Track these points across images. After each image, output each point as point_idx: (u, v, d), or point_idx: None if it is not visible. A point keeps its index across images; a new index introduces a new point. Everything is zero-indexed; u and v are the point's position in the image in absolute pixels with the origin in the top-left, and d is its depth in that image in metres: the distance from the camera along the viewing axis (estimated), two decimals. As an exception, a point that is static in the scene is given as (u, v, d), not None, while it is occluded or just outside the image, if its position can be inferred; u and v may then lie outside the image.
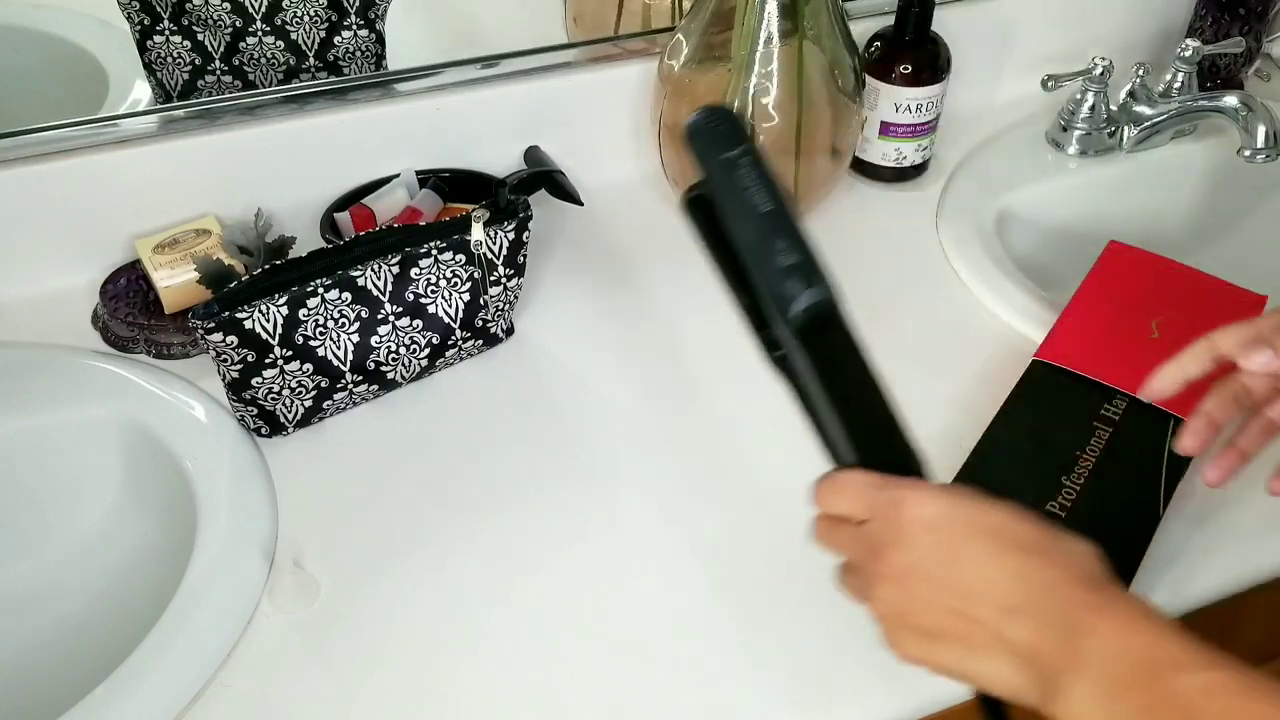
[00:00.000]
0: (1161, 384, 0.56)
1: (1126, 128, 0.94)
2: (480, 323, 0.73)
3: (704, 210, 0.54)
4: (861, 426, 0.48)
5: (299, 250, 0.75)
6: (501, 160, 0.87)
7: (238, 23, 0.77)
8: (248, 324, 0.63)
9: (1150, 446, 0.62)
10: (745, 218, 0.51)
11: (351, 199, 0.83)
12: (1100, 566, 0.42)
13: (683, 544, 0.63)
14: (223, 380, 0.65)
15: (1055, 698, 0.39)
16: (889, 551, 0.44)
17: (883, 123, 0.89)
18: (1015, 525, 0.43)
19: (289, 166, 0.82)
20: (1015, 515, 0.43)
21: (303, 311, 0.64)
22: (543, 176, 0.82)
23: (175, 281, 0.75)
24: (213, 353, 0.63)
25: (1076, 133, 0.94)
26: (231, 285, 0.63)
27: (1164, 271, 0.76)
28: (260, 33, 0.78)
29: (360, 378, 0.69)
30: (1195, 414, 0.57)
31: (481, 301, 0.72)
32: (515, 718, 0.55)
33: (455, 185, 0.85)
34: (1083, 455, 0.61)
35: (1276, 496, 0.59)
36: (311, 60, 0.80)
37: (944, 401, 0.72)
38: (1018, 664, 0.40)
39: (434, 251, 0.68)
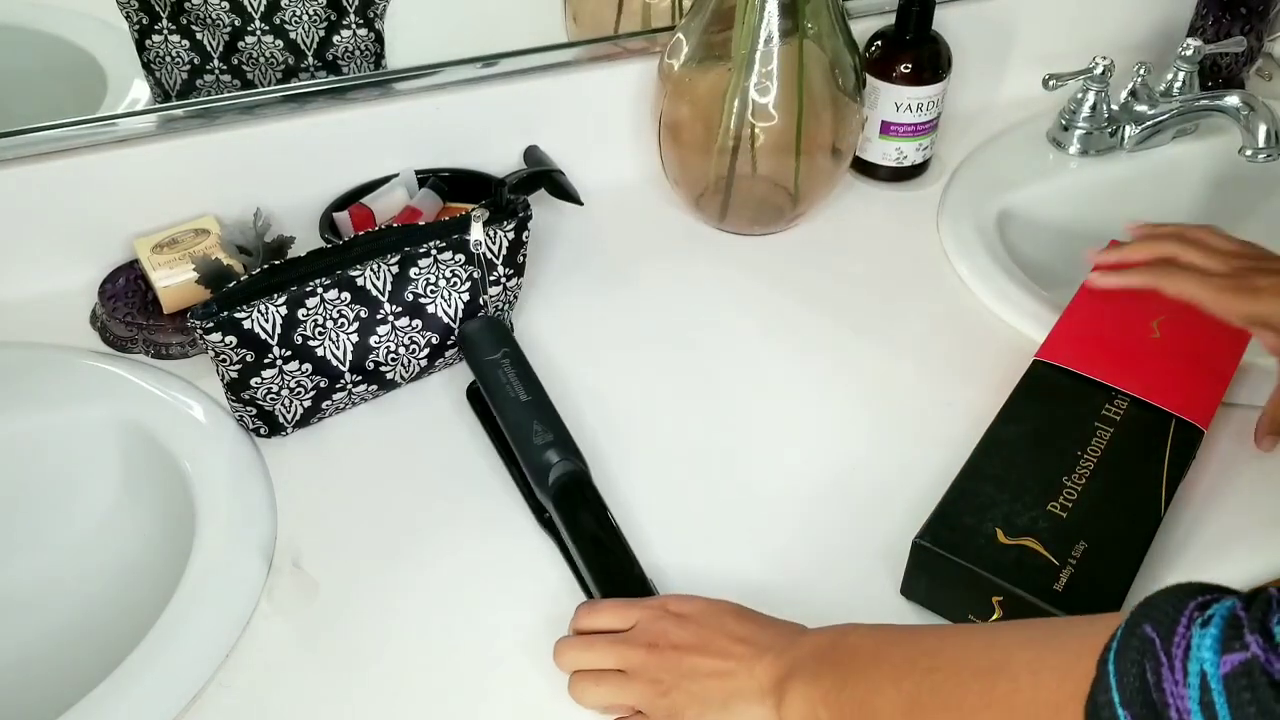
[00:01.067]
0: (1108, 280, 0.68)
1: (1128, 127, 0.94)
2: (480, 323, 0.73)
3: (481, 400, 0.69)
4: (608, 569, 0.58)
5: (298, 250, 0.75)
6: (501, 160, 0.87)
7: (236, 22, 0.77)
8: (246, 324, 0.63)
9: (1151, 446, 0.62)
10: (508, 407, 0.64)
11: (351, 198, 0.82)
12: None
13: (685, 543, 0.63)
14: (221, 380, 0.65)
15: (784, 706, 0.49)
16: (668, 635, 0.52)
17: (883, 122, 0.89)
18: (748, 608, 0.54)
19: (288, 166, 0.82)
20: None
21: (302, 311, 0.64)
22: (542, 176, 0.81)
23: (174, 281, 0.75)
24: (211, 353, 0.63)
25: (1078, 132, 0.94)
26: (230, 285, 0.63)
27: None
28: (259, 32, 0.78)
29: (359, 378, 0.69)
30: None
31: (481, 301, 0.72)
32: (515, 717, 0.55)
33: (455, 185, 0.85)
34: (1084, 455, 0.61)
35: (1265, 451, 0.67)
36: (310, 59, 0.80)
37: (945, 401, 0.72)
38: (768, 701, 0.49)
39: (433, 251, 0.68)
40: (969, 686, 0.42)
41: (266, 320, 0.63)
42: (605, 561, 0.58)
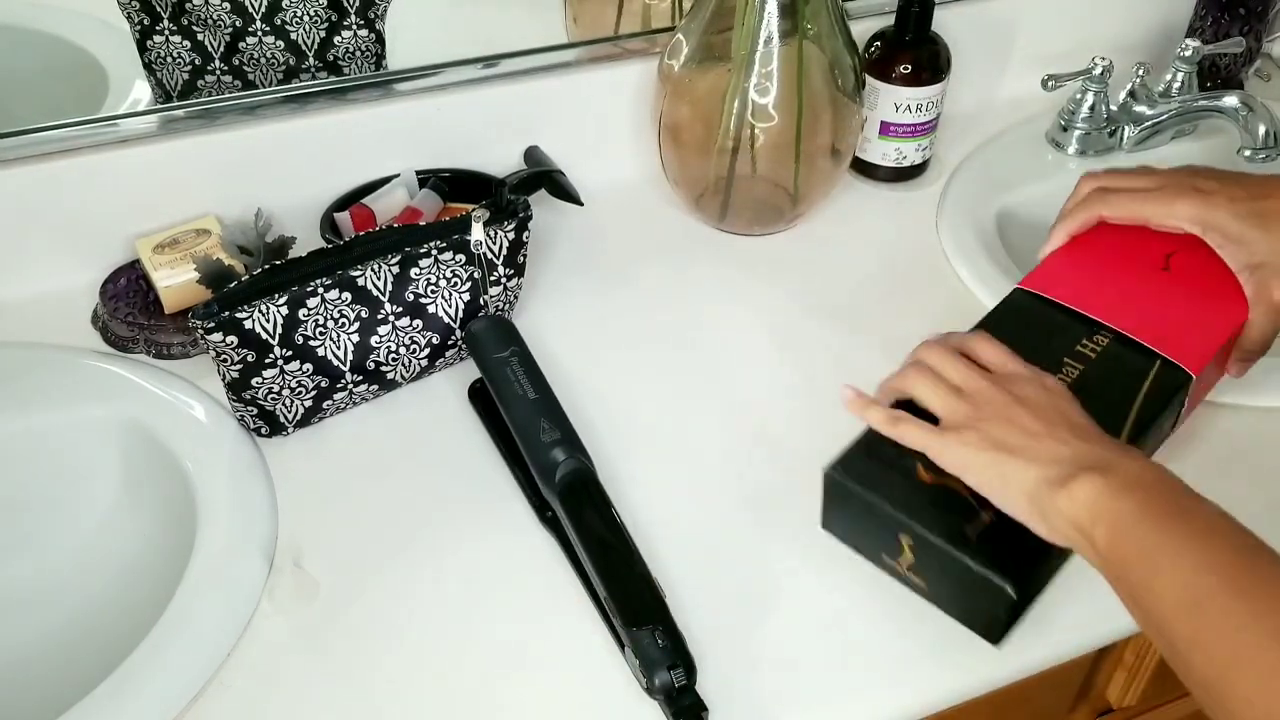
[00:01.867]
0: (1056, 246, 0.66)
1: (1126, 127, 0.94)
2: (480, 323, 0.73)
3: (484, 399, 0.70)
4: (613, 566, 0.57)
5: (299, 250, 0.75)
6: (501, 160, 0.87)
7: (237, 23, 0.77)
8: (247, 324, 0.63)
9: (1125, 388, 0.57)
10: (515, 404, 0.65)
11: (351, 199, 0.83)
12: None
13: (687, 542, 0.63)
14: (222, 380, 0.65)
15: (1060, 487, 0.45)
16: (1018, 382, 0.52)
17: (883, 122, 0.89)
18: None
19: (289, 166, 0.82)
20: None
21: (302, 311, 0.64)
22: (542, 176, 0.82)
23: (175, 281, 0.75)
24: (212, 353, 0.63)
25: (1076, 132, 0.94)
26: (231, 285, 0.63)
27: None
28: (260, 32, 0.78)
29: (360, 378, 0.69)
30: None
31: (481, 301, 0.72)
32: (515, 716, 0.55)
33: (455, 185, 0.85)
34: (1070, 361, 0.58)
35: (1235, 377, 0.64)
36: (311, 60, 0.80)
37: None
38: (1054, 479, 0.46)
39: (434, 251, 0.68)
40: (1263, 645, 0.37)
41: (267, 320, 0.63)
42: (610, 559, 0.58)
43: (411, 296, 0.68)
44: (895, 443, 0.54)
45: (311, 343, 0.65)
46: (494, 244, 0.70)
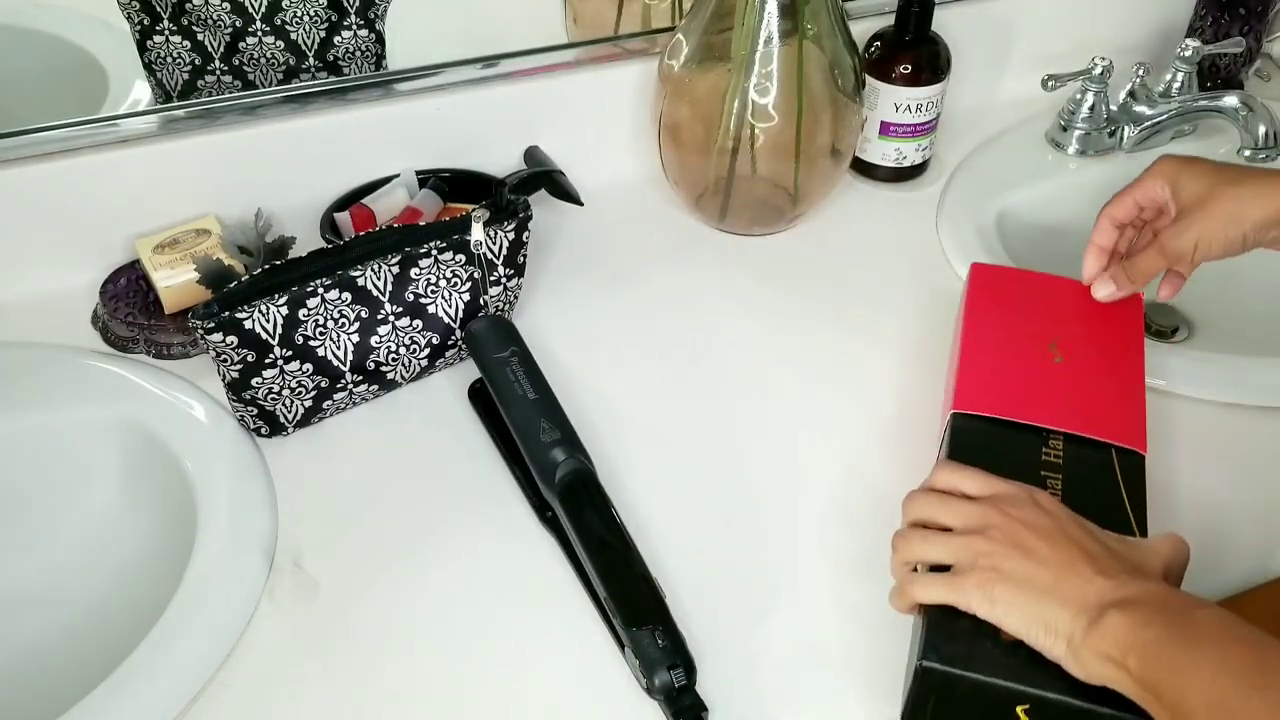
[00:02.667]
0: (1093, 269, 0.68)
1: (1127, 128, 0.94)
2: (480, 323, 0.73)
3: (484, 398, 0.70)
4: (613, 567, 0.57)
5: (299, 250, 0.75)
6: (501, 160, 0.87)
7: (237, 23, 0.77)
8: (247, 324, 0.63)
9: (1104, 484, 0.57)
10: (516, 404, 0.65)
11: (351, 199, 0.82)
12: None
13: (688, 541, 0.63)
14: (222, 380, 0.65)
15: (1092, 628, 0.47)
16: (1025, 511, 0.51)
17: (883, 123, 0.89)
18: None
19: (289, 166, 0.82)
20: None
21: (302, 311, 0.64)
22: (542, 176, 0.81)
23: (175, 281, 0.75)
24: (212, 353, 0.63)
25: (1076, 133, 0.94)
26: (231, 285, 0.63)
27: (1034, 285, 0.70)
28: (260, 33, 0.78)
29: (360, 378, 0.69)
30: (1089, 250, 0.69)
31: (481, 301, 0.72)
32: (515, 716, 0.55)
33: (455, 185, 0.85)
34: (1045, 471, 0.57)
35: (1165, 300, 0.70)
36: (311, 60, 0.80)
37: (945, 402, 0.72)
38: (1083, 616, 0.47)
39: (434, 251, 0.68)
40: None
41: (267, 320, 0.63)
42: (610, 559, 0.58)
43: (411, 296, 0.68)
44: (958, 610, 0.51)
45: (311, 343, 0.65)
46: (494, 244, 0.70)
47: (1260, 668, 0.43)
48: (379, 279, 0.67)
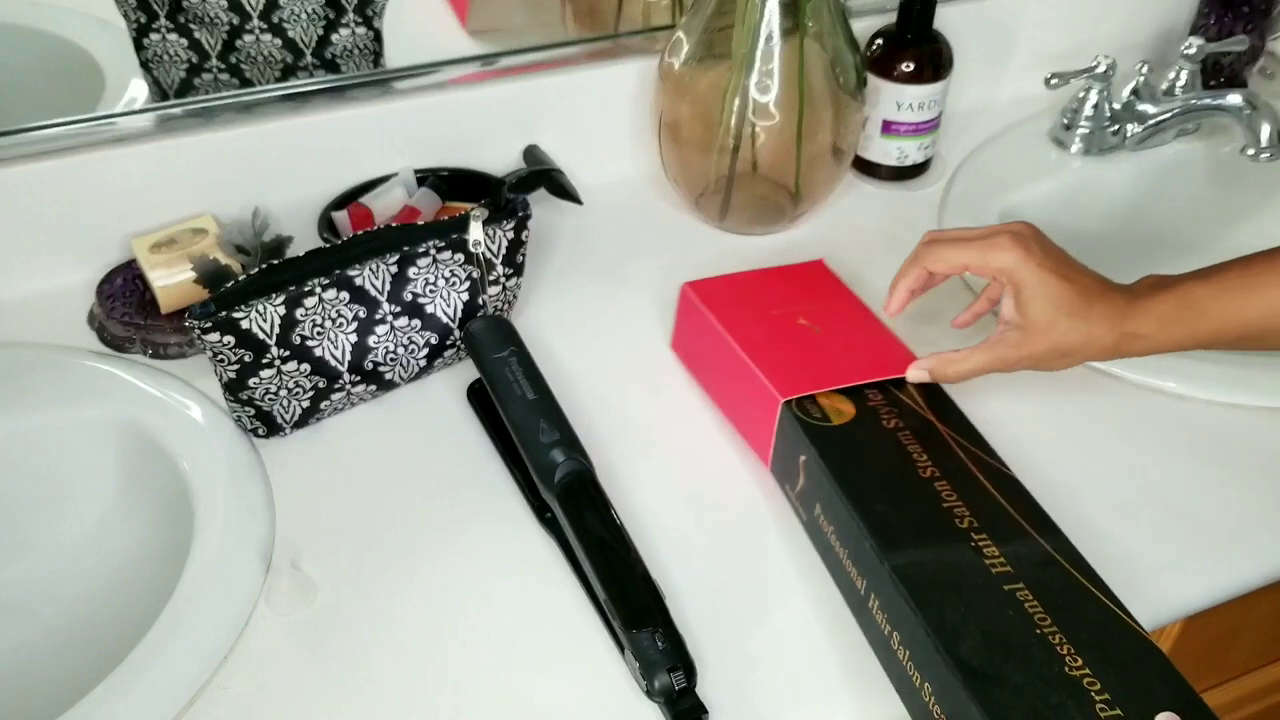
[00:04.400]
0: (897, 304, 0.67)
1: (1130, 126, 0.94)
2: (479, 322, 0.73)
3: (482, 399, 0.69)
4: (613, 568, 0.57)
5: (296, 249, 0.75)
6: (500, 159, 0.87)
7: (234, 20, 0.77)
8: (244, 324, 0.62)
9: (937, 415, 0.63)
10: (515, 404, 0.64)
11: (349, 198, 0.82)
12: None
13: (686, 542, 0.63)
14: (219, 380, 0.65)
15: (1126, 321, 0.59)
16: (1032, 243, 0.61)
17: (885, 121, 0.89)
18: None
19: (286, 165, 0.81)
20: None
21: (300, 311, 0.64)
22: (542, 175, 0.81)
23: (172, 281, 0.74)
24: (209, 353, 0.63)
25: (1080, 131, 0.94)
26: (228, 285, 0.63)
27: (748, 282, 0.73)
28: (257, 30, 0.77)
29: (358, 378, 0.68)
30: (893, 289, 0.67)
31: (480, 301, 0.71)
32: (513, 718, 0.55)
33: (454, 184, 0.84)
34: (929, 471, 0.59)
35: (957, 328, 0.71)
36: (309, 58, 0.80)
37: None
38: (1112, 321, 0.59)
39: (432, 251, 0.68)
40: None
41: (264, 320, 0.63)
42: (610, 561, 0.57)
43: (410, 296, 0.68)
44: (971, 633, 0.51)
45: (309, 343, 0.65)
46: (493, 243, 0.70)
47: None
48: (377, 278, 0.66)
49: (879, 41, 0.88)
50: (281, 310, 0.63)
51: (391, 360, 0.69)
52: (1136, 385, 0.72)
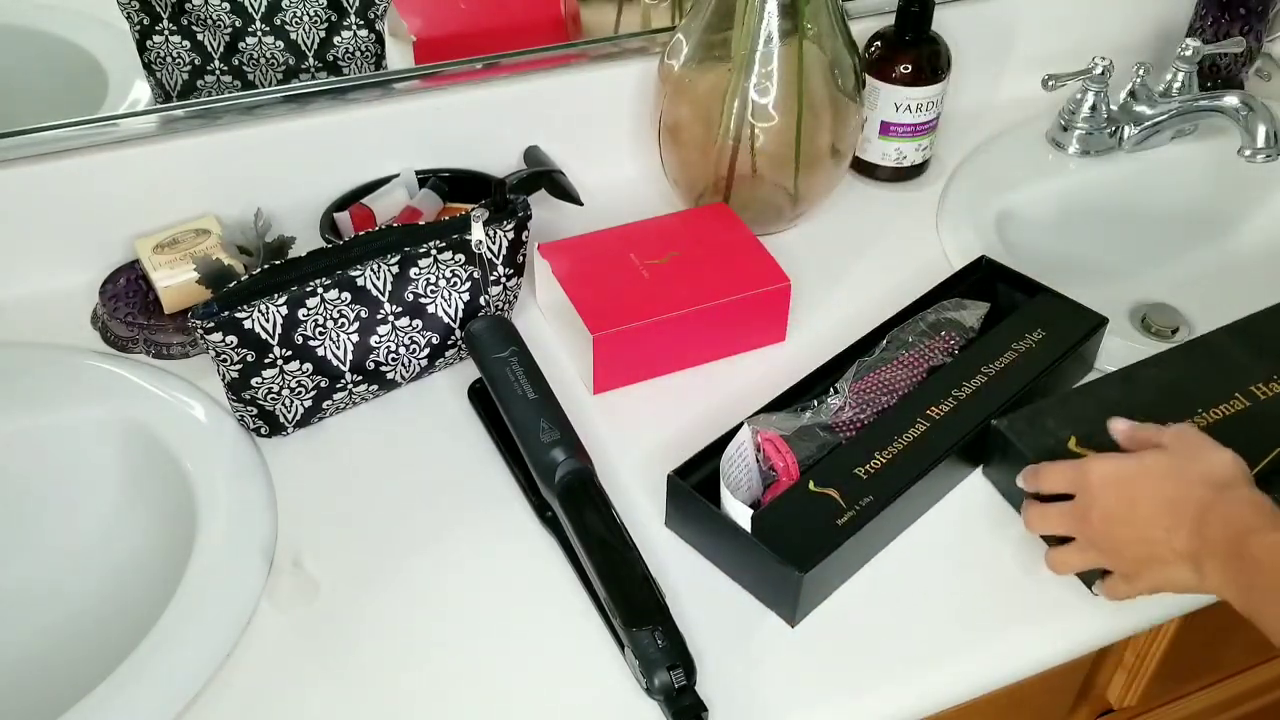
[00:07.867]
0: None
1: (1127, 127, 0.94)
2: (480, 323, 0.73)
3: (483, 399, 0.70)
4: (613, 567, 0.57)
5: (298, 250, 0.75)
6: (501, 160, 0.87)
7: (237, 23, 0.77)
8: (247, 324, 0.63)
9: None
10: (515, 404, 0.65)
11: (351, 199, 0.82)
12: (1232, 470, 0.54)
13: (685, 541, 0.63)
14: (222, 380, 0.65)
15: (1204, 581, 0.53)
16: (1090, 513, 0.56)
17: (883, 122, 0.89)
18: (1160, 460, 0.56)
19: (289, 166, 0.82)
20: (1161, 453, 0.56)
21: (302, 311, 0.64)
22: (542, 176, 0.81)
23: (175, 281, 0.75)
24: (212, 353, 0.63)
25: (1077, 132, 0.94)
26: (231, 285, 0.63)
27: (601, 240, 0.78)
28: (260, 33, 0.78)
29: (360, 378, 0.69)
30: None
31: (481, 301, 0.72)
32: (515, 716, 0.55)
33: (455, 185, 0.85)
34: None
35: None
36: (311, 60, 0.80)
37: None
38: (1187, 565, 0.53)
39: (433, 251, 0.68)
40: None
41: (267, 320, 0.63)
42: (610, 559, 0.58)
43: (411, 296, 0.68)
44: None
45: (311, 343, 0.65)
46: (493, 244, 0.70)
47: None
48: (378, 279, 0.67)
49: (877, 43, 0.88)
50: (284, 310, 0.64)
51: (393, 360, 0.70)
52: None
